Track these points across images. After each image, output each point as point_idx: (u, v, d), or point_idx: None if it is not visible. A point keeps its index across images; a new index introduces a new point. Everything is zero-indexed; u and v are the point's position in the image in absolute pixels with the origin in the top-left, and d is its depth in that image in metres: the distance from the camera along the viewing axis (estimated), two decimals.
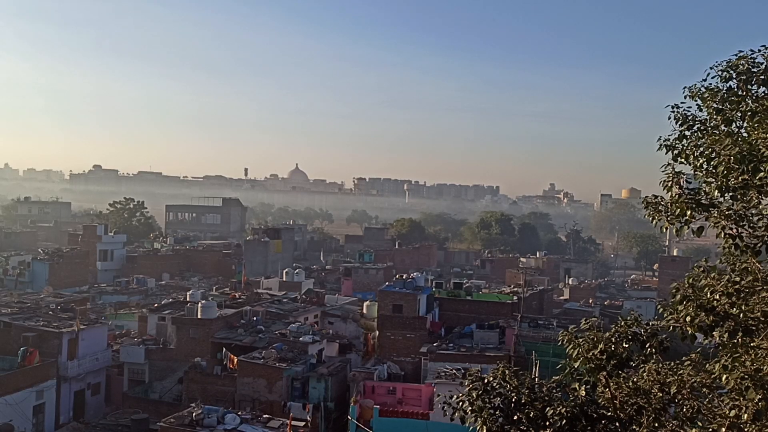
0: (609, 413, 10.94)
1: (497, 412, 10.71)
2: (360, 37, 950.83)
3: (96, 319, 48.50)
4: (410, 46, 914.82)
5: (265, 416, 32.42)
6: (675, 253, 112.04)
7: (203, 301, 47.46)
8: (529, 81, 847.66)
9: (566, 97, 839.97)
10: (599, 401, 11.05)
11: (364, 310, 55.90)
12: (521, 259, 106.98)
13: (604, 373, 10.90)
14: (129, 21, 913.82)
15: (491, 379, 11.08)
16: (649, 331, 10.99)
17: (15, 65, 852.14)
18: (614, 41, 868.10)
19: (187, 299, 50.61)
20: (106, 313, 58.74)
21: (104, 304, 65.04)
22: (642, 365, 11.58)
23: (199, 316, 44.87)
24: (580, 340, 11.04)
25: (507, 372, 11.15)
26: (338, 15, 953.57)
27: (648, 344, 10.87)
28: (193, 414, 30.46)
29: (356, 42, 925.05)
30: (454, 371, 37.35)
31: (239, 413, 31.66)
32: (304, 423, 32.39)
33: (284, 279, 71.28)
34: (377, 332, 48.11)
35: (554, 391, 11.17)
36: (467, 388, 11.00)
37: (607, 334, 11.00)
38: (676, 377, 11.54)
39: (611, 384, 11.14)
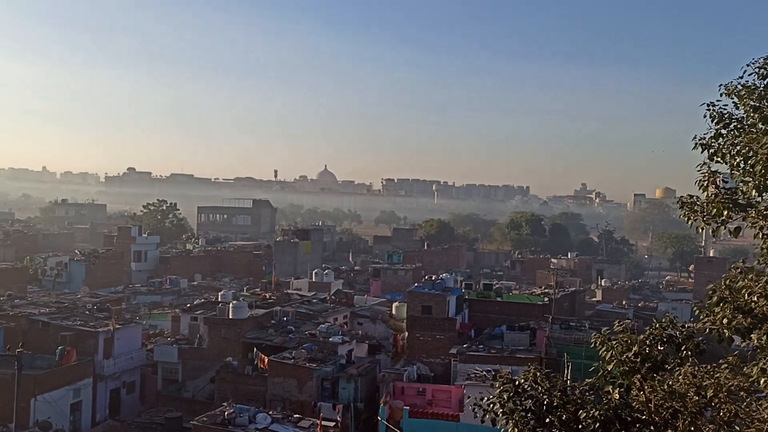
0: (643, 417, 10.79)
1: (529, 415, 10.63)
2: (388, 37, 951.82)
3: (131, 319, 49.26)
4: (439, 45, 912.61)
5: (295, 416, 32.62)
6: (711, 254, 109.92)
7: (234, 302, 47.91)
8: (560, 79, 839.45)
9: (599, 95, 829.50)
10: (633, 405, 10.91)
11: (393, 311, 55.93)
12: (552, 260, 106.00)
13: (639, 376, 10.75)
14: (161, 27, 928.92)
15: (522, 381, 11.00)
16: (684, 333, 10.81)
17: (52, 70, 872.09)
18: (648, 39, 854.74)
19: (219, 299, 51.17)
20: (140, 312, 59.71)
21: (138, 304, 66.14)
22: (677, 368, 11.40)
23: (230, 317, 45.36)
24: (614, 342, 10.91)
25: (538, 374, 11.06)
26: (366, 16, 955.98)
27: (684, 347, 10.69)
28: (225, 413, 30.79)
29: (384, 43, 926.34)
30: (485, 373, 37.14)
31: (270, 413, 31.91)
32: (334, 423, 32.52)
33: (313, 280, 71.66)
34: (406, 333, 48.09)
35: (587, 393, 11.05)
36: (498, 390, 10.94)
37: (642, 336, 10.85)
38: (712, 380, 11.34)
39: (646, 387, 10.99)
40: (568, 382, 11.53)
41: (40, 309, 47.96)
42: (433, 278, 53.24)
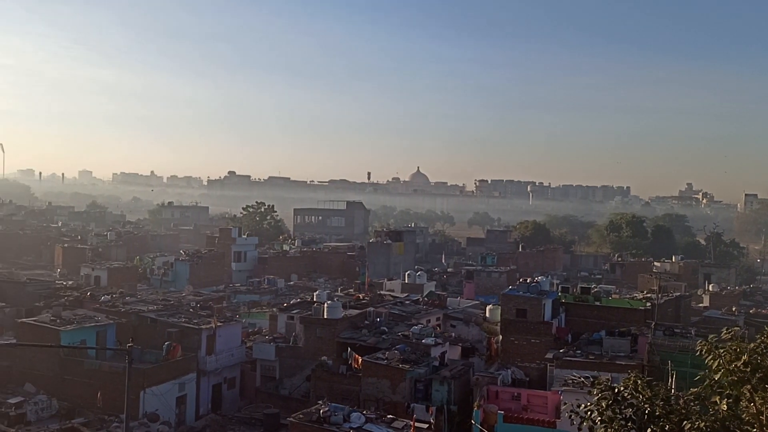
0: (754, 430, 10.14)
1: (629, 424, 10.25)
2: (481, 37, 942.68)
3: (231, 317, 50.94)
4: (533, 44, 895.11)
5: (388, 416, 32.83)
6: None
7: (329, 302, 48.75)
8: (663, 76, 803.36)
9: (704, 91, 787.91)
10: (743, 416, 10.28)
11: (487, 314, 55.23)
12: (655, 263, 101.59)
13: (749, 386, 10.12)
14: (257, 35, 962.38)
15: (622, 388, 10.62)
16: None
17: (158, 80, 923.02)
18: (758, 31, 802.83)
19: (314, 299, 52.28)
20: (240, 311, 61.89)
21: (238, 303, 68.60)
22: None
23: (325, 316, 46.25)
24: (722, 350, 10.33)
25: (640, 382, 10.65)
26: (458, 16, 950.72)
27: None
28: (321, 411, 31.38)
29: (478, 43, 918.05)
30: (582, 379, 36.05)
31: (364, 412, 32.26)
32: (427, 425, 32.47)
33: (406, 281, 71.93)
34: (500, 336, 47.41)
35: (692, 404, 10.54)
36: (596, 397, 10.61)
37: (752, 345, 10.22)
38: None
39: (756, 398, 10.32)
40: (672, 391, 11.02)
41: (148, 306, 50.57)
42: (528, 281, 52.21)
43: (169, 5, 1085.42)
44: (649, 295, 62.64)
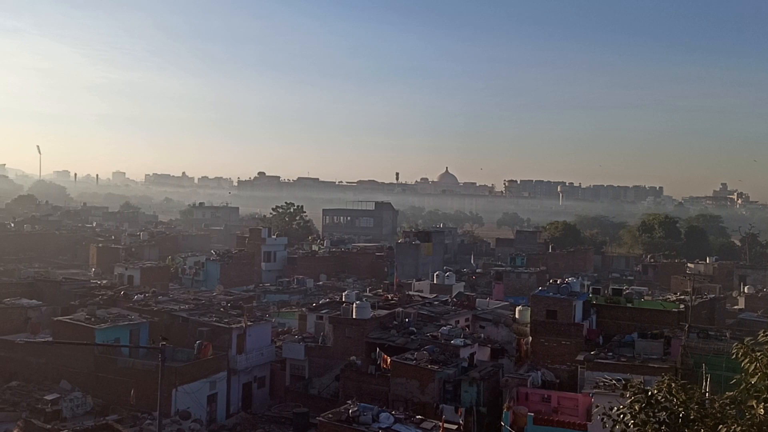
0: None
1: (662, 427, 10.10)
2: (510, 38, 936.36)
3: (261, 317, 51.31)
4: (564, 43, 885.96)
5: (417, 417, 32.78)
6: None
7: (358, 302, 48.84)
8: (697, 73, 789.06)
9: (740, 89, 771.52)
10: None
11: (517, 315, 54.82)
12: (688, 264, 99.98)
13: None
14: (286, 36, 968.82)
15: (656, 391, 10.46)
16: None
17: (189, 82, 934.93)
18: None
19: (343, 299, 52.45)
20: (269, 310, 62.38)
21: (268, 303, 69.16)
22: None
23: (354, 316, 46.36)
24: (758, 353, 10.12)
25: (674, 385, 10.48)
26: (485, 16, 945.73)
27: None
28: (350, 411, 31.46)
29: (506, 43, 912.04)
30: (614, 381, 35.57)
31: (393, 412, 32.26)
32: (456, 426, 32.35)
33: (435, 282, 71.79)
34: (530, 338, 47.03)
35: (728, 408, 10.34)
36: (629, 400, 10.48)
37: None
38: None
39: None
40: (707, 394, 10.83)
41: (180, 305, 51.24)
42: (558, 282, 51.74)
43: (205, 7, 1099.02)
44: (682, 296, 61.64)
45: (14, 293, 53.68)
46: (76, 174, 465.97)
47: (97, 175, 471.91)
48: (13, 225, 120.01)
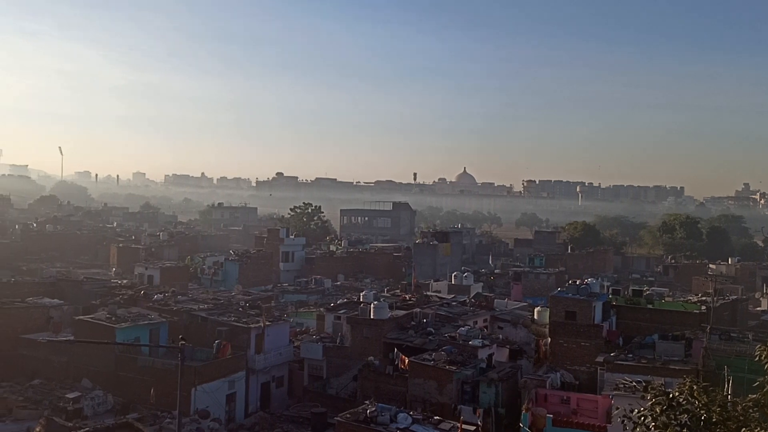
0: None
1: (684, 430, 9.96)
2: (527, 37, 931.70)
3: (279, 317, 51.54)
4: (581, 42, 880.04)
5: (435, 418, 32.69)
6: None
7: (375, 302, 48.85)
8: (718, 72, 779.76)
9: (761, 88, 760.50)
10: None
11: (535, 316, 54.47)
12: (710, 265, 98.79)
13: None
14: (304, 38, 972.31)
15: (677, 394, 10.32)
16: None
17: (208, 83, 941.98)
18: None
19: (361, 300, 52.50)
20: (287, 310, 62.60)
21: (286, 303, 69.39)
22: None
23: (371, 317, 46.37)
24: None
25: (695, 387, 10.33)
26: (500, 16, 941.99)
27: None
28: (368, 411, 31.45)
29: (524, 43, 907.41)
30: (634, 383, 35.23)
31: (411, 413, 32.20)
32: (474, 427, 32.21)
33: (453, 282, 71.59)
34: (549, 339, 46.73)
35: (750, 410, 10.17)
36: (650, 403, 10.35)
37: None
38: None
39: None
40: (729, 397, 10.67)
41: (199, 305, 51.58)
42: (577, 283, 51.37)
43: (224, 9, 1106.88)
44: (704, 298, 60.94)
45: (37, 292, 54.35)
46: (97, 175, 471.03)
47: (117, 176, 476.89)
48: (35, 225, 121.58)
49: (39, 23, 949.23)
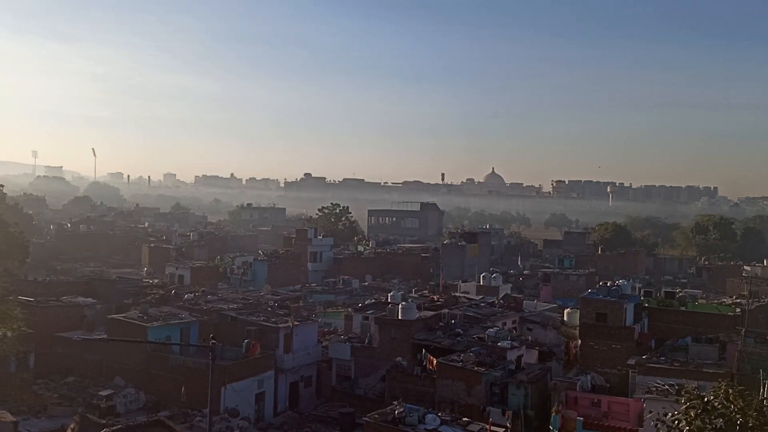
0: None
1: None
2: (556, 37, 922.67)
3: (307, 317, 51.68)
4: (613, 42, 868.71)
5: (464, 419, 32.53)
6: None
7: (403, 303, 48.78)
8: (752, 71, 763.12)
9: None
10: None
11: (565, 318, 53.95)
12: (745, 267, 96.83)
13: None
14: (332, 39, 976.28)
15: (712, 398, 10.12)
16: None
17: (237, 84, 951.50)
18: None
19: (388, 300, 52.46)
20: (316, 310, 62.82)
21: (314, 303, 69.64)
22: None
23: (399, 317, 46.31)
24: None
25: (731, 391, 10.13)
26: (532, 15, 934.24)
27: None
28: (396, 412, 31.41)
29: (554, 43, 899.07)
30: (667, 387, 34.66)
31: (439, 414, 32.10)
32: (503, 429, 31.98)
33: (481, 283, 71.21)
34: (579, 341, 46.21)
35: None
36: (684, 406, 10.17)
37: None
38: None
39: None
40: (765, 401, 10.42)
41: (228, 305, 52.03)
42: (608, 284, 50.73)
43: (252, 11, 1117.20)
44: (738, 300, 59.74)
45: (71, 291, 55.38)
46: (129, 176, 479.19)
47: (149, 177, 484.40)
48: (69, 225, 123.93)
49: (73, 27, 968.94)
